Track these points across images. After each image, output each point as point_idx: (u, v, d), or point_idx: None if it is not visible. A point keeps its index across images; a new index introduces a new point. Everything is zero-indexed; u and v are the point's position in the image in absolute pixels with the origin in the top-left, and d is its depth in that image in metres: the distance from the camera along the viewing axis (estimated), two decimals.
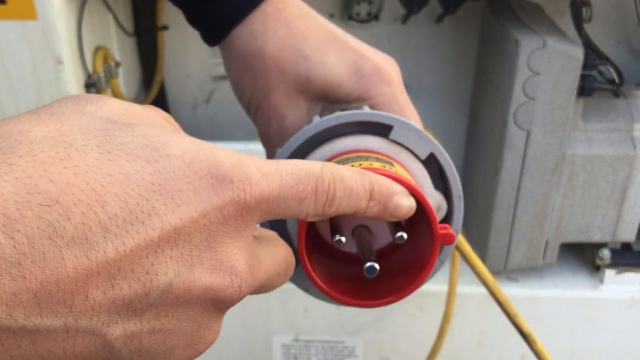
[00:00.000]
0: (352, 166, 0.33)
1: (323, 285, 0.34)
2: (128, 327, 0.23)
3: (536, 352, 0.80)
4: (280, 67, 0.40)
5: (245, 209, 0.25)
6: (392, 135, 0.37)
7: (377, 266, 0.32)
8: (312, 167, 0.28)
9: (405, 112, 0.40)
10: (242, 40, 0.41)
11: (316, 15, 0.42)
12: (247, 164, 0.25)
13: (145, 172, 0.23)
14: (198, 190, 0.24)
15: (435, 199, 0.38)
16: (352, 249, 0.38)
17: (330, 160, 0.36)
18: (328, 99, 0.41)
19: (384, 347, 1.14)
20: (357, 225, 0.37)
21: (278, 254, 0.30)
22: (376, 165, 0.34)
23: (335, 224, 0.35)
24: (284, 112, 0.41)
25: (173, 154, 0.24)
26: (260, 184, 0.25)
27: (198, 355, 0.27)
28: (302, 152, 0.37)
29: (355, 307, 0.35)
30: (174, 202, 0.23)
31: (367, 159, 0.35)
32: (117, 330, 0.23)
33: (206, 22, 0.42)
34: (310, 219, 0.29)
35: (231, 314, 1.22)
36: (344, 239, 0.33)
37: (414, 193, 0.32)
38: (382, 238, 0.38)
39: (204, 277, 0.24)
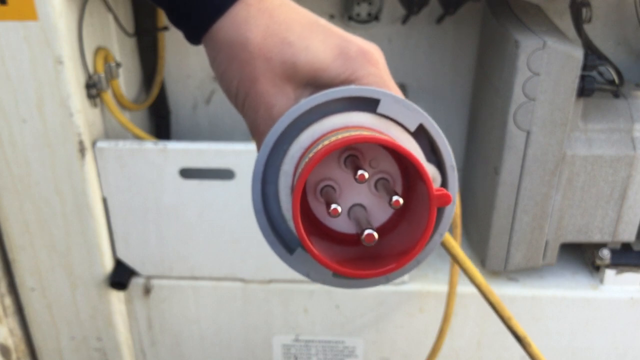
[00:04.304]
0: (342, 136, 0.33)
1: (320, 256, 0.33)
2: None
3: (531, 355, 0.79)
4: (264, 55, 0.40)
5: None
6: (380, 109, 0.36)
7: (375, 233, 0.32)
8: None
9: (392, 92, 0.40)
10: (225, 31, 0.40)
11: (297, 5, 0.42)
12: None
13: None
14: None
15: (428, 171, 0.37)
16: (349, 229, 0.37)
17: (319, 138, 0.36)
18: (315, 83, 0.41)
19: (384, 347, 1.14)
20: (353, 204, 0.37)
21: None
22: (366, 133, 0.33)
23: (331, 201, 0.35)
24: (272, 100, 0.40)
25: None
26: None
27: None
28: (291, 133, 0.37)
29: (356, 277, 0.34)
30: None
31: (356, 131, 0.34)
32: None
33: (188, 17, 0.41)
34: None
35: (231, 313, 1.21)
36: (339, 208, 0.32)
37: (406, 155, 0.31)
38: (378, 217, 0.37)
39: None
